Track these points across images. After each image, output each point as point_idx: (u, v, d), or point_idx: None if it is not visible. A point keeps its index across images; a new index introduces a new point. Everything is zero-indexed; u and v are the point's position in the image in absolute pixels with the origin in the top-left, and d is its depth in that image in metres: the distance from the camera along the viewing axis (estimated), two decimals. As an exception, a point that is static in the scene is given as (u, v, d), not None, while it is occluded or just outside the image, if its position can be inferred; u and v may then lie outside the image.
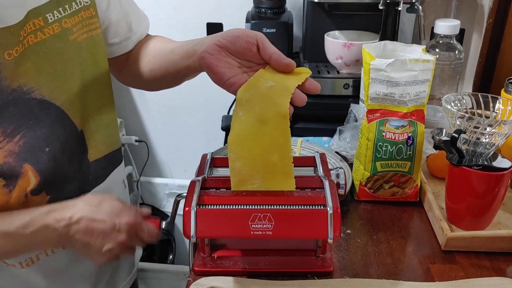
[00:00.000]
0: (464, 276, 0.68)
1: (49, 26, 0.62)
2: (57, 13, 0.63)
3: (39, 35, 0.61)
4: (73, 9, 0.65)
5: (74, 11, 0.65)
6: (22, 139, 0.60)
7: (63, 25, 0.64)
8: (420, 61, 0.75)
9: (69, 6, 0.64)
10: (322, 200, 0.58)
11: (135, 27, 0.80)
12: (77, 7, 0.65)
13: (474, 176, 0.70)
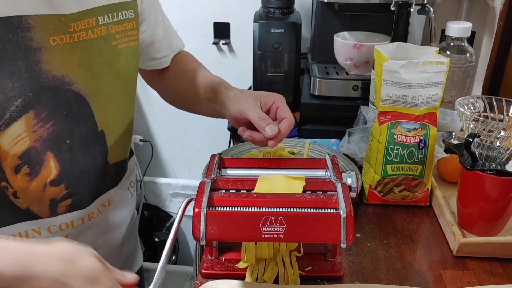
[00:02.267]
0: (476, 282, 0.66)
1: (99, 27, 0.66)
2: (107, 18, 0.67)
3: (90, 33, 0.65)
4: (119, 17, 0.70)
5: (120, 20, 0.70)
6: (52, 127, 0.63)
7: (109, 30, 0.68)
8: (434, 63, 0.74)
9: (117, 14, 0.69)
10: (335, 203, 0.57)
11: (174, 45, 0.89)
12: (122, 17, 0.70)
13: (487, 181, 0.69)
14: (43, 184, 0.65)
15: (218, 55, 1.52)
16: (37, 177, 0.64)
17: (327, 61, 1.16)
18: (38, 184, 0.65)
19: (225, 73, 1.55)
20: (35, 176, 0.64)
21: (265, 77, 1.19)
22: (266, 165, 0.72)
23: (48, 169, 0.65)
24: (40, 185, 0.65)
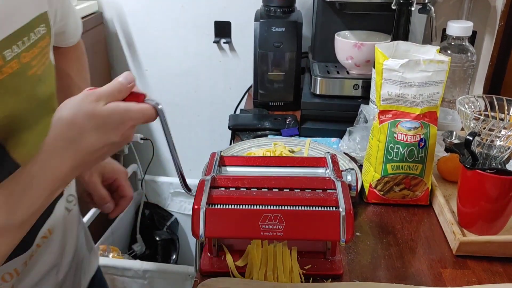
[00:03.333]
0: (476, 282, 0.66)
1: (8, 64, 0.54)
2: (16, 48, 0.55)
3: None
4: (31, 41, 0.58)
5: (33, 43, 0.58)
6: None
7: (21, 61, 0.56)
8: (435, 62, 0.74)
9: (28, 38, 0.57)
10: (334, 201, 0.57)
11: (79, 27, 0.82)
12: (35, 38, 0.59)
13: (487, 180, 0.69)
14: None
15: (219, 54, 1.52)
16: None
17: (328, 60, 1.16)
18: None
19: (225, 72, 1.56)
20: None
21: (265, 76, 1.19)
22: (266, 163, 0.72)
23: None
24: None
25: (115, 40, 1.55)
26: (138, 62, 1.58)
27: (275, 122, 1.11)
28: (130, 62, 1.58)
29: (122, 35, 1.55)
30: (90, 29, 1.44)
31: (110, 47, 1.57)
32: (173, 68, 1.56)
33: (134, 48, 1.56)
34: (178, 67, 1.56)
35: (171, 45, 1.54)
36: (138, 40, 1.55)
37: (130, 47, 1.56)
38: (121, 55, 1.57)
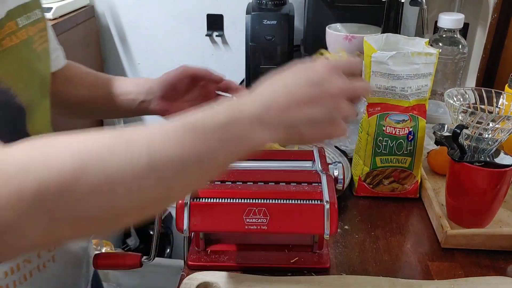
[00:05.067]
0: (463, 274, 0.66)
1: (20, 31, 0.57)
2: (24, 20, 0.58)
3: (13, 39, 0.56)
4: (33, 18, 0.61)
5: (34, 21, 0.61)
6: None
7: (28, 33, 0.59)
8: (423, 54, 0.73)
9: (30, 16, 0.60)
10: (319, 194, 0.57)
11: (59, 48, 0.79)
12: (35, 18, 0.62)
13: (475, 173, 0.69)
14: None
15: (212, 47, 1.51)
16: None
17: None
18: None
19: (218, 66, 1.55)
20: None
21: (258, 69, 1.19)
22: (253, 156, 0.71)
23: None
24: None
25: (107, 33, 1.55)
26: (131, 55, 1.57)
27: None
28: (123, 55, 1.58)
29: (114, 29, 1.54)
30: (81, 22, 1.43)
31: (103, 41, 1.56)
32: (165, 61, 1.55)
33: (127, 42, 1.55)
34: (170, 60, 1.55)
35: (163, 38, 1.53)
36: (130, 34, 1.54)
37: (122, 40, 1.56)
38: (114, 49, 1.57)
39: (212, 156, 0.42)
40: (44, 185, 0.35)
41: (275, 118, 0.45)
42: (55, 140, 0.38)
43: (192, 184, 0.44)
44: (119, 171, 0.37)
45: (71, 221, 0.37)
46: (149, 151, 0.39)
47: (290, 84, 0.46)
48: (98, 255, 0.65)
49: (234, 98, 0.45)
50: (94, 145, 0.38)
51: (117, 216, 0.39)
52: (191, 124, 0.42)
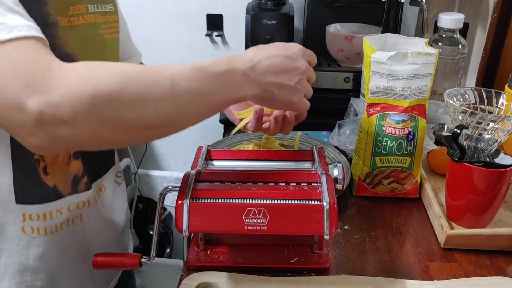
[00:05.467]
0: (463, 274, 0.66)
1: (88, 14, 0.68)
2: (93, 7, 0.70)
3: (81, 19, 0.67)
4: (103, 9, 0.72)
5: (103, 11, 0.72)
6: None
7: (96, 19, 0.70)
8: (422, 54, 0.73)
9: (100, 6, 0.72)
10: (318, 195, 0.57)
11: (136, 51, 0.92)
12: (105, 10, 0.73)
13: (475, 173, 0.69)
14: (68, 157, 0.67)
15: (212, 47, 1.51)
16: None
17: (320, 53, 1.14)
18: (64, 156, 0.67)
19: (218, 65, 1.55)
20: None
21: (257, 69, 1.18)
22: (253, 157, 0.71)
23: None
24: (65, 157, 0.67)
25: (107, 33, 1.54)
26: (131, 55, 1.57)
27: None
28: (123, 55, 1.57)
29: (114, 28, 1.54)
30: (81, 22, 1.43)
31: (102, 41, 1.56)
32: (165, 61, 1.55)
33: (126, 42, 1.55)
34: (170, 60, 1.55)
35: (163, 38, 1.53)
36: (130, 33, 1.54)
37: (122, 40, 1.55)
38: (113, 49, 1.56)
39: (212, 96, 0.54)
40: (97, 92, 0.46)
41: (257, 77, 0.57)
42: (105, 63, 0.51)
43: (194, 115, 0.55)
44: (150, 90, 0.49)
45: (112, 124, 0.48)
46: (172, 81, 0.51)
47: (271, 55, 0.59)
48: (97, 254, 0.65)
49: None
50: (133, 69, 0.50)
51: (143, 127, 0.50)
52: (202, 68, 0.53)
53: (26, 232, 0.68)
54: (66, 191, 0.69)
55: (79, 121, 0.46)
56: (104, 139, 0.50)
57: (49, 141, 0.47)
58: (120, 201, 0.85)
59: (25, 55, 0.48)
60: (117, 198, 0.84)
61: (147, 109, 0.49)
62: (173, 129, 0.55)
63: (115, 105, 0.47)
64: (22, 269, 0.70)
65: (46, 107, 0.45)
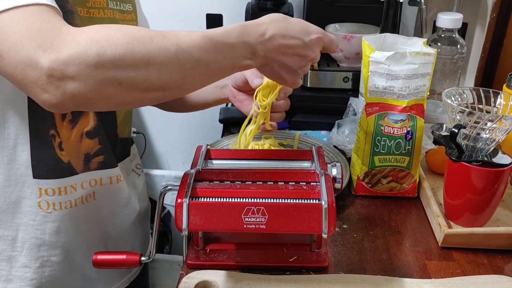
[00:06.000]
0: (461, 273, 0.67)
1: (108, 9, 0.72)
2: (113, 4, 0.73)
3: (101, 13, 0.70)
4: (121, 7, 0.76)
5: (122, 10, 0.76)
6: None
7: (114, 15, 0.73)
8: (421, 54, 0.74)
9: (120, 4, 0.75)
10: (317, 194, 0.57)
11: None
12: (124, 9, 0.77)
13: (473, 172, 0.69)
14: (80, 134, 0.71)
15: (211, 46, 1.51)
16: (76, 125, 0.70)
17: (319, 52, 1.15)
18: (76, 134, 0.70)
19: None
20: (75, 124, 0.70)
21: (257, 68, 1.19)
22: (252, 156, 0.72)
23: (87, 120, 0.71)
24: (77, 135, 0.70)
25: (107, 33, 1.55)
26: (130, 55, 1.57)
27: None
28: (122, 55, 1.58)
29: (113, 28, 1.54)
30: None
31: (102, 40, 1.56)
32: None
33: (126, 41, 1.55)
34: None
35: (163, 37, 1.53)
36: (130, 33, 1.54)
37: (122, 40, 1.55)
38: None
39: (216, 64, 0.56)
40: (102, 52, 0.49)
41: (265, 52, 0.59)
42: (113, 26, 0.53)
43: (198, 80, 0.57)
44: (154, 53, 0.51)
45: (116, 83, 0.51)
46: (177, 46, 0.52)
47: (288, 34, 0.59)
48: (97, 253, 0.65)
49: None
50: (141, 33, 0.52)
51: (147, 89, 0.53)
52: (212, 37, 0.55)
53: (42, 207, 0.71)
54: (79, 168, 0.73)
55: (86, 78, 0.49)
56: (111, 98, 0.53)
57: (59, 97, 0.50)
58: (137, 190, 0.89)
59: (38, 19, 0.51)
60: (134, 186, 0.87)
61: (150, 71, 0.51)
62: (177, 92, 0.57)
63: (120, 65, 0.50)
64: (38, 244, 0.73)
65: (56, 63, 0.48)
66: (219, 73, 0.59)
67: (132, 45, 0.50)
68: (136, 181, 0.88)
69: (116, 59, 0.50)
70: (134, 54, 0.50)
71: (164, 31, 0.54)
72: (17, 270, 0.73)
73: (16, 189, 0.70)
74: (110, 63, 0.49)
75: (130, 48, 0.50)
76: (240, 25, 0.58)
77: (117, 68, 0.50)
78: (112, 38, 0.50)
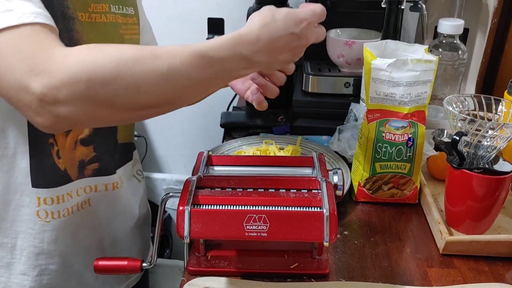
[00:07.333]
0: (462, 281, 0.67)
1: (110, 14, 0.73)
2: (115, 8, 0.74)
3: (103, 17, 0.71)
4: (124, 11, 0.76)
5: (124, 13, 0.76)
6: None
7: (117, 19, 0.74)
8: (422, 61, 0.74)
9: (122, 8, 0.76)
10: (318, 202, 0.57)
11: None
12: (126, 12, 0.77)
13: (474, 180, 0.69)
14: (74, 142, 0.71)
15: (213, 50, 1.51)
16: (71, 132, 0.70)
17: (320, 57, 1.15)
18: (71, 141, 0.70)
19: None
20: (69, 131, 0.70)
21: (258, 73, 1.19)
22: (254, 162, 0.72)
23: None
24: (72, 142, 0.70)
25: (108, 36, 1.55)
26: (132, 58, 1.57)
27: (267, 119, 1.11)
28: (124, 58, 1.58)
29: (115, 32, 1.54)
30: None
31: (103, 44, 1.57)
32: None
33: (128, 45, 1.56)
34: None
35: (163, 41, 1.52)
36: (131, 37, 1.55)
37: (123, 43, 1.56)
38: (115, 52, 1.57)
39: (210, 79, 0.56)
40: (93, 76, 0.49)
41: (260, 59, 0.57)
42: (104, 46, 0.54)
43: (192, 95, 0.57)
44: (145, 76, 0.51)
45: (107, 106, 0.51)
46: (168, 66, 0.52)
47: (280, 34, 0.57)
48: (98, 259, 0.65)
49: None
50: (131, 53, 0.52)
51: (139, 108, 0.53)
52: (204, 53, 0.53)
53: (40, 216, 0.71)
54: (74, 175, 0.73)
55: (77, 102, 0.50)
56: (103, 118, 0.54)
57: (52, 120, 0.51)
58: (137, 196, 0.89)
59: (30, 41, 0.51)
60: (134, 192, 0.87)
61: (141, 92, 0.51)
62: (172, 108, 0.57)
63: (110, 88, 0.50)
64: (37, 252, 0.73)
65: (47, 89, 0.49)
66: (215, 86, 0.59)
67: (123, 68, 0.50)
68: (136, 187, 0.88)
69: (106, 84, 0.50)
70: (125, 77, 0.50)
71: (156, 49, 0.53)
72: (15, 278, 0.73)
73: (15, 197, 0.70)
74: (100, 87, 0.50)
75: (120, 72, 0.50)
76: (232, 36, 0.56)
77: (107, 92, 0.50)
78: (102, 61, 0.50)
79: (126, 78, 0.50)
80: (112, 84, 0.50)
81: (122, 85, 0.50)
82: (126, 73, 0.50)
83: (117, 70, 0.50)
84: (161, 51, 0.53)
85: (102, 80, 0.50)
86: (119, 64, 0.50)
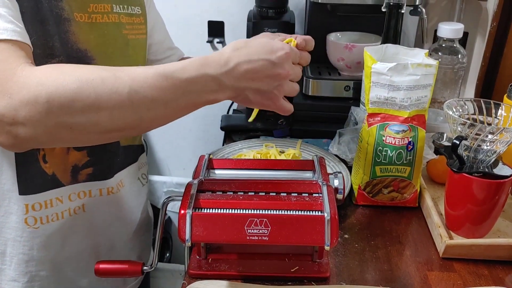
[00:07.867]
0: (462, 284, 0.67)
1: (113, 14, 0.72)
2: (119, 8, 0.73)
3: (105, 17, 0.70)
4: (129, 11, 0.75)
5: (129, 13, 0.75)
6: None
7: (120, 19, 0.73)
8: (423, 65, 0.74)
9: (127, 7, 0.75)
10: (319, 206, 0.57)
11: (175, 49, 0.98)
12: (132, 12, 0.76)
13: (474, 183, 0.70)
14: (67, 147, 0.70)
15: (213, 53, 1.52)
16: None
17: (320, 61, 1.16)
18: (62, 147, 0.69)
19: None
20: None
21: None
22: (254, 166, 0.72)
23: None
24: (64, 148, 0.70)
25: (109, 39, 1.55)
26: (132, 61, 1.57)
27: (267, 122, 1.12)
28: (124, 61, 1.58)
29: (115, 34, 1.55)
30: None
31: (104, 46, 1.57)
32: (166, 67, 1.56)
33: (128, 47, 1.56)
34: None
35: (164, 44, 1.53)
36: (131, 39, 1.55)
37: (123, 46, 1.56)
38: (115, 54, 1.57)
39: (176, 102, 0.54)
40: (52, 98, 0.49)
41: (231, 82, 0.55)
42: (66, 67, 0.53)
43: (157, 119, 0.56)
44: (105, 97, 0.50)
45: (67, 128, 0.50)
46: (130, 88, 0.51)
47: (252, 58, 0.55)
48: (99, 262, 0.65)
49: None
50: (92, 74, 0.51)
51: (100, 132, 0.52)
52: (167, 74, 0.52)
53: (29, 223, 0.71)
54: (66, 180, 0.72)
55: (36, 123, 0.49)
56: (64, 140, 0.53)
57: (13, 140, 0.50)
58: (139, 200, 0.88)
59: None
60: (136, 195, 0.87)
61: (101, 115, 0.51)
62: (135, 132, 0.56)
63: (69, 111, 0.49)
64: (26, 259, 0.73)
65: (6, 109, 0.49)
66: (181, 110, 0.56)
67: (82, 89, 0.49)
68: (139, 191, 0.88)
69: (65, 105, 0.49)
70: (84, 99, 0.49)
71: (118, 70, 0.52)
72: (6, 284, 0.73)
73: (3, 204, 0.69)
74: (59, 109, 0.49)
75: (79, 93, 0.49)
76: (199, 58, 0.55)
77: (66, 114, 0.49)
78: (62, 82, 0.49)
79: (86, 99, 0.49)
80: (71, 106, 0.49)
81: (81, 107, 0.49)
82: (85, 94, 0.49)
83: (76, 91, 0.49)
84: (124, 72, 0.52)
85: (61, 101, 0.49)
86: (79, 85, 0.50)
